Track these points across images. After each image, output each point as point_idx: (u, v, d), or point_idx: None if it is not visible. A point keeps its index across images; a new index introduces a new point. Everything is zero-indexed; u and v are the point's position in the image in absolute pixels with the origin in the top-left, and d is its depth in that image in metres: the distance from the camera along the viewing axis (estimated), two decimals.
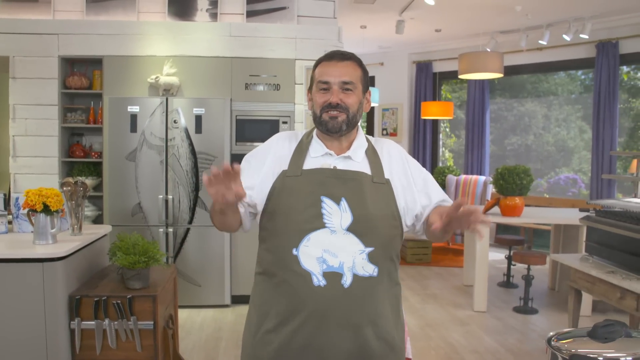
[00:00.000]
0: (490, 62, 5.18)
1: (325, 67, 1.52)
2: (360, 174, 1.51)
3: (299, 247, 1.44)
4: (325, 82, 1.51)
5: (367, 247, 1.45)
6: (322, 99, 1.52)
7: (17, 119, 4.53)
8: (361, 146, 1.58)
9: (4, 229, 3.08)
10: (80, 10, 4.66)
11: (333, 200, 1.45)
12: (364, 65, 1.58)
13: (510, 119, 8.12)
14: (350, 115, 1.52)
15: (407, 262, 6.57)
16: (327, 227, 1.44)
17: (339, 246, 1.43)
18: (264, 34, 4.70)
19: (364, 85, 1.57)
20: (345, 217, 1.45)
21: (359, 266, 1.44)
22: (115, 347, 2.72)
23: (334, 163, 1.53)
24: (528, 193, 4.77)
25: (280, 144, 1.60)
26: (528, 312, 4.59)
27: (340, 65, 1.51)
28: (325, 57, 1.55)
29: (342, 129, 1.52)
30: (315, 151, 1.56)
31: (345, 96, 1.51)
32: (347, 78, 1.50)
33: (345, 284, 1.42)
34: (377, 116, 9.17)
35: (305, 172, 1.50)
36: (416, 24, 6.86)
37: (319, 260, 1.43)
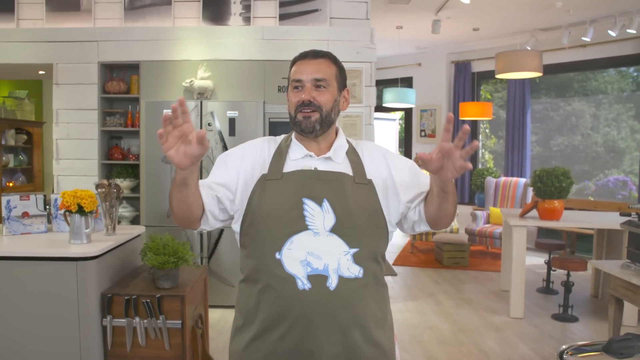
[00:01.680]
0: (528, 60, 5.02)
1: (298, 66, 1.50)
2: (342, 174, 1.48)
3: (282, 250, 1.41)
4: (297, 80, 1.48)
5: (351, 248, 1.42)
6: (295, 98, 1.49)
7: (60, 123, 4.72)
8: (341, 147, 1.55)
9: (44, 229, 3.21)
10: (119, 17, 4.81)
11: (315, 202, 1.42)
12: (339, 63, 1.55)
13: (556, 119, 7.87)
14: (323, 113, 1.47)
15: (444, 266, 6.46)
16: (310, 229, 1.41)
17: (323, 248, 1.40)
18: (296, 37, 4.72)
19: (339, 82, 1.53)
20: (328, 218, 1.42)
21: (344, 267, 1.40)
22: (144, 345, 2.78)
23: (315, 164, 1.50)
24: (573, 196, 4.59)
25: (259, 147, 1.56)
26: (567, 319, 4.43)
27: (313, 62, 1.48)
28: (299, 56, 1.53)
29: (316, 129, 1.48)
30: (295, 153, 1.52)
31: (318, 94, 1.47)
32: (320, 75, 1.47)
33: (331, 286, 1.39)
34: (415, 117, 9.07)
35: (286, 175, 1.47)
36: (453, 23, 6.75)
37: (302, 263, 1.39)
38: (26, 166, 7.49)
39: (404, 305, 4.90)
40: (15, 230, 3.10)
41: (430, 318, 4.53)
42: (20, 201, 3.12)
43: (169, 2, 4.82)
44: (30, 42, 4.72)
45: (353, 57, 4.72)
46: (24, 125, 7.38)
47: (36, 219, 3.18)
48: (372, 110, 4.80)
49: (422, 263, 6.69)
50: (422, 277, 5.98)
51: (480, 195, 7.89)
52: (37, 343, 2.70)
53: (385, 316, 1.52)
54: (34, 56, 4.72)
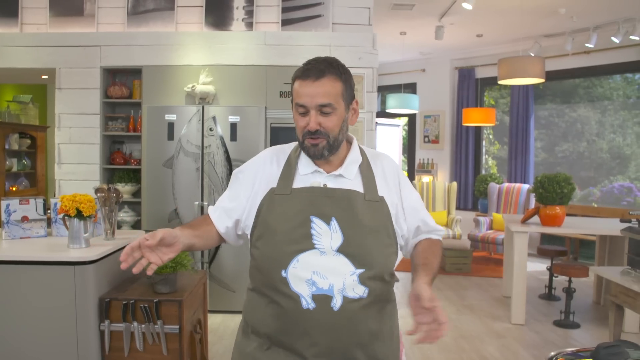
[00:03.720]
0: (531, 66, 5.01)
1: (301, 87, 1.40)
2: (352, 192, 1.44)
3: (288, 268, 1.38)
4: (301, 105, 1.40)
5: (357, 268, 1.39)
6: (301, 123, 1.42)
7: (62, 127, 4.74)
8: (354, 162, 1.50)
9: (43, 233, 3.21)
10: (121, 22, 4.83)
11: (323, 220, 1.39)
12: (345, 74, 1.45)
13: (561, 125, 7.84)
14: (331, 140, 1.42)
15: (446, 272, 6.43)
16: (316, 248, 1.38)
17: (328, 268, 1.37)
18: (299, 42, 4.73)
19: (346, 98, 1.44)
20: (336, 237, 1.39)
21: (349, 288, 1.38)
22: (142, 350, 2.78)
23: (324, 181, 1.46)
24: (578, 202, 4.57)
25: (269, 161, 1.54)
26: (569, 326, 4.40)
27: (316, 85, 1.38)
28: (300, 74, 1.42)
29: (324, 155, 1.44)
30: (305, 168, 1.48)
31: (324, 119, 1.40)
32: (325, 100, 1.38)
33: (335, 306, 1.37)
34: (418, 123, 9.07)
35: (295, 191, 1.44)
36: (457, 29, 6.75)
37: (308, 282, 1.37)
38: (29, 170, 7.53)
39: (405, 311, 4.84)
40: (15, 235, 3.11)
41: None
42: (19, 205, 3.13)
43: (172, 8, 4.85)
44: (34, 47, 4.75)
45: (355, 62, 4.72)
46: (28, 129, 7.41)
47: (36, 223, 3.19)
48: (374, 115, 4.80)
49: None
50: None
51: (483, 201, 7.87)
52: (35, 347, 2.70)
53: (391, 331, 1.50)
54: (37, 61, 4.75)
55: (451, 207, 7.63)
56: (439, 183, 7.75)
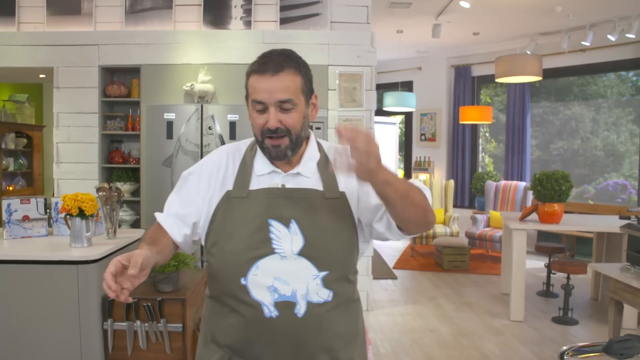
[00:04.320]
0: (528, 65, 5.04)
1: (257, 82, 1.30)
2: (311, 191, 1.36)
3: (248, 276, 1.31)
4: (259, 101, 1.30)
5: (321, 271, 1.32)
6: (259, 121, 1.32)
7: (60, 126, 4.72)
8: (312, 158, 1.41)
9: (44, 232, 3.21)
10: (119, 21, 4.82)
11: (282, 223, 1.32)
12: (304, 68, 1.35)
13: (555, 123, 7.89)
14: (293, 137, 1.33)
15: (444, 269, 6.46)
16: (276, 253, 1.31)
17: (290, 273, 1.31)
18: (297, 41, 4.73)
19: (306, 93, 1.35)
20: (296, 240, 1.32)
21: (313, 292, 1.32)
22: (145, 349, 2.79)
23: (282, 181, 1.37)
24: (572, 199, 4.60)
25: (224, 161, 1.44)
26: (567, 322, 4.43)
27: (275, 79, 1.28)
28: (257, 68, 1.31)
29: (288, 155, 1.35)
30: (261, 168, 1.39)
31: (285, 116, 1.31)
32: (285, 96, 1.29)
33: (299, 313, 1.32)
34: (415, 121, 9.09)
35: (252, 193, 1.36)
36: (453, 27, 6.77)
37: (269, 289, 1.31)
38: (26, 170, 7.49)
39: (404, 309, 4.89)
40: (16, 234, 3.10)
41: (431, 321, 4.53)
42: (20, 205, 3.13)
43: (170, 6, 4.84)
44: (31, 46, 4.72)
45: (354, 61, 4.73)
46: (24, 129, 7.38)
47: (37, 223, 3.18)
48: (373, 114, 4.81)
49: (422, 266, 6.69)
50: (422, 281, 5.98)
51: (480, 199, 7.90)
52: (38, 347, 2.70)
53: (356, 332, 1.45)
54: (35, 60, 4.73)
55: (448, 205, 7.66)
56: (435, 181, 7.78)
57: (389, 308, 4.92)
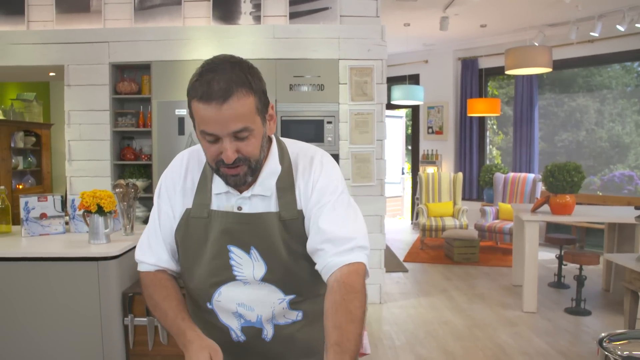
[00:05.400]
0: (538, 56, 5.02)
1: (205, 111, 1.09)
2: (266, 215, 1.22)
3: (212, 301, 1.26)
4: (210, 134, 1.12)
5: (287, 295, 1.25)
6: (212, 150, 1.15)
7: (71, 124, 4.73)
8: (271, 175, 1.25)
9: (62, 229, 3.22)
10: (129, 18, 4.82)
11: (242, 249, 1.22)
12: (256, 79, 1.14)
13: (560, 115, 7.87)
14: (252, 164, 1.18)
15: (454, 262, 6.47)
16: (238, 280, 1.23)
17: (254, 299, 1.23)
18: (307, 35, 4.72)
19: (262, 110, 1.16)
20: (258, 267, 1.22)
21: (280, 316, 1.26)
22: (166, 344, 2.80)
23: (238, 203, 1.24)
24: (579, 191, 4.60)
25: (184, 173, 1.30)
26: (580, 313, 4.44)
27: (224, 108, 1.08)
28: (200, 94, 1.09)
29: (247, 180, 1.20)
30: (217, 186, 1.25)
31: (242, 144, 1.14)
32: (239, 125, 1.10)
33: (267, 338, 1.27)
34: (422, 115, 9.08)
35: (212, 215, 1.24)
36: (461, 20, 6.75)
37: (235, 314, 1.26)
38: (35, 168, 7.52)
39: (417, 301, 4.91)
40: (34, 232, 3.12)
41: (444, 313, 4.54)
42: (38, 202, 3.14)
43: (179, 2, 4.83)
44: (41, 44, 4.73)
45: (364, 54, 4.72)
46: (33, 127, 7.40)
47: (54, 220, 3.19)
48: (384, 107, 4.81)
49: (432, 259, 6.70)
50: (433, 274, 5.99)
51: (489, 191, 7.90)
52: (61, 343, 2.72)
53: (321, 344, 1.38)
54: (45, 58, 4.73)
55: (457, 198, 7.66)
56: (444, 174, 7.77)
57: (401, 301, 4.93)
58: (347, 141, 4.75)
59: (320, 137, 4.74)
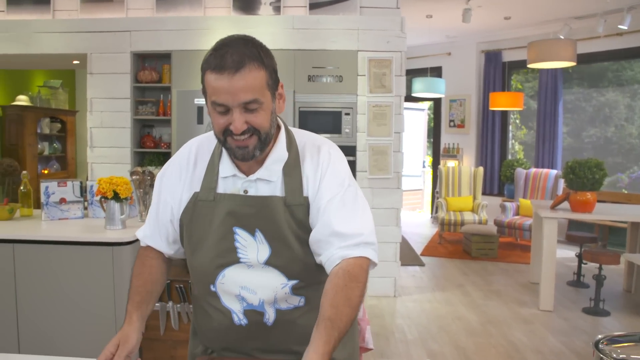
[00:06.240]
0: (562, 49, 4.92)
1: (217, 82, 1.12)
2: (272, 199, 1.25)
3: (216, 283, 1.28)
4: (220, 104, 1.14)
5: (290, 279, 1.26)
6: (221, 121, 1.17)
7: (93, 111, 4.82)
8: (278, 160, 1.27)
9: (80, 214, 3.29)
10: (150, 7, 4.87)
11: (247, 232, 1.24)
12: (267, 57, 1.18)
13: (588, 110, 7.70)
14: (262, 136, 1.19)
15: (472, 257, 6.41)
16: (242, 262, 1.26)
17: (257, 282, 1.26)
18: (326, 26, 4.71)
19: (272, 86, 1.19)
20: (263, 249, 1.25)
21: (282, 300, 1.27)
22: (177, 329, 2.85)
23: (244, 186, 1.27)
24: (605, 188, 4.50)
25: (192, 159, 1.34)
26: (598, 313, 4.36)
27: (237, 79, 1.11)
28: (214, 65, 1.13)
29: (256, 155, 1.21)
30: (225, 169, 1.28)
31: (251, 116, 1.16)
32: (249, 96, 1.13)
33: (268, 322, 1.29)
34: (444, 108, 8.99)
35: (218, 198, 1.27)
36: (484, 12, 6.64)
37: (237, 297, 1.27)
38: (60, 154, 7.69)
39: (431, 296, 4.89)
40: (54, 216, 3.19)
41: (459, 309, 4.52)
42: (58, 187, 3.21)
43: None
44: (66, 33, 4.81)
45: (383, 46, 4.68)
46: (58, 114, 7.56)
47: (73, 205, 3.27)
48: (402, 100, 4.77)
49: (450, 254, 6.65)
50: (450, 268, 5.96)
51: (510, 187, 7.79)
52: (76, 324, 2.79)
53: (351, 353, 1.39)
54: (69, 46, 4.82)
55: (477, 192, 7.58)
56: (464, 168, 7.69)
57: (416, 295, 4.92)
58: (364, 133, 4.73)
59: (338, 129, 4.73)
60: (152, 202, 1.40)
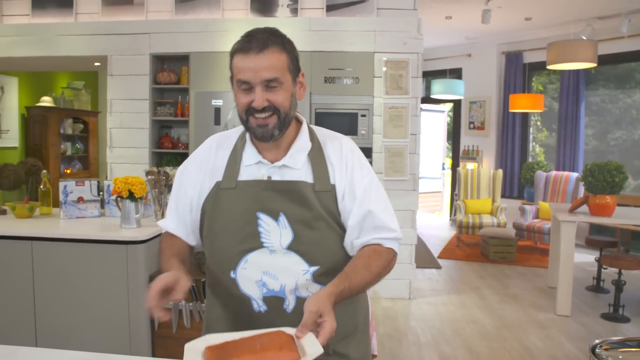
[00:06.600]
0: (582, 50, 4.84)
1: (242, 62, 1.23)
2: (300, 183, 1.30)
3: (237, 269, 1.30)
4: (244, 81, 1.24)
5: (311, 266, 1.29)
6: (244, 100, 1.26)
7: (113, 112, 4.91)
8: (302, 149, 1.34)
9: (97, 213, 3.36)
10: (169, 10, 4.94)
11: (270, 216, 1.28)
12: (289, 45, 1.29)
13: (614, 112, 7.54)
14: (281, 115, 1.27)
15: (490, 260, 6.35)
16: (265, 247, 1.29)
17: (279, 267, 1.28)
18: (343, 28, 4.72)
19: (292, 71, 1.29)
20: (285, 234, 1.28)
21: (303, 288, 1.29)
22: (189, 327, 2.89)
23: (268, 173, 1.32)
24: (632, 192, 4.41)
25: (214, 151, 1.40)
26: (617, 319, 4.28)
27: (259, 57, 1.22)
28: (241, 47, 1.25)
29: (275, 135, 1.28)
30: (249, 158, 1.35)
31: (272, 95, 1.25)
32: (271, 74, 1.23)
33: (288, 308, 1.30)
34: (464, 109, 8.91)
35: (240, 184, 1.32)
36: (504, 12, 6.57)
37: (258, 283, 1.29)
38: (82, 154, 7.84)
39: (447, 299, 4.86)
40: (71, 214, 3.27)
41: (474, 312, 4.48)
42: (75, 187, 3.28)
43: None
44: (87, 35, 4.92)
45: (400, 48, 4.67)
46: (81, 114, 7.71)
47: (90, 204, 3.34)
48: (419, 101, 4.75)
49: (467, 257, 6.60)
50: (467, 271, 5.90)
51: (530, 190, 7.69)
52: (91, 320, 2.85)
53: (353, 325, 1.42)
54: (90, 48, 4.93)
55: (496, 195, 7.50)
56: (484, 170, 7.62)
57: (431, 297, 4.89)
58: (380, 135, 4.73)
59: (354, 130, 4.73)
60: (171, 195, 1.46)
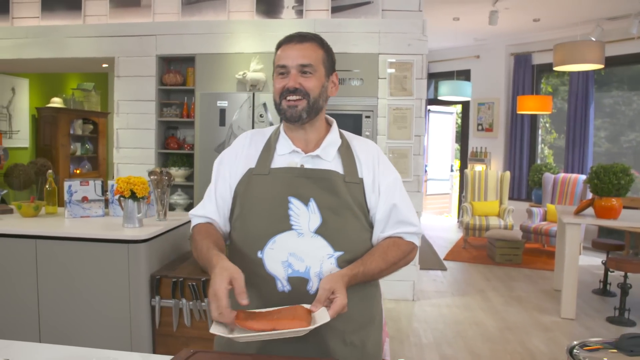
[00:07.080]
0: (589, 52, 4.81)
1: (283, 50, 1.41)
2: (332, 172, 1.42)
3: (264, 249, 1.37)
4: (282, 65, 1.40)
5: (336, 251, 1.36)
6: (280, 84, 1.41)
7: (120, 113, 4.97)
8: (333, 144, 1.47)
9: (101, 213, 3.41)
10: (176, 12, 4.99)
11: (301, 201, 1.37)
12: (327, 46, 1.46)
13: (628, 114, 7.47)
14: (311, 100, 1.40)
15: (496, 262, 6.32)
16: (293, 230, 1.36)
17: (305, 250, 1.35)
18: (348, 29, 4.73)
19: (327, 67, 1.44)
20: (314, 218, 1.36)
21: (327, 272, 1.35)
22: (189, 326, 2.92)
23: (302, 161, 1.43)
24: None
25: (247, 143, 1.52)
26: (623, 323, 4.24)
27: (298, 47, 1.39)
28: (284, 40, 1.44)
29: (303, 117, 1.41)
30: (283, 148, 1.46)
31: (304, 80, 1.39)
32: (306, 60, 1.39)
33: (311, 290, 1.35)
34: (472, 111, 8.88)
35: (273, 171, 1.43)
36: (512, 14, 6.54)
37: (284, 264, 1.35)
38: (92, 154, 7.93)
39: (451, 301, 4.84)
40: (76, 214, 3.31)
41: (477, 314, 4.46)
42: (80, 186, 3.33)
43: None
44: (95, 37, 4.98)
45: (404, 49, 4.68)
46: (90, 115, 7.80)
47: (94, 204, 3.38)
48: (423, 103, 4.75)
49: (473, 259, 6.57)
50: (473, 273, 5.88)
51: (538, 192, 7.64)
52: (92, 318, 2.88)
53: (371, 316, 1.47)
54: (98, 50, 4.99)
55: (503, 197, 7.46)
56: (491, 172, 7.58)
57: (435, 299, 4.88)
58: (385, 136, 4.73)
59: (359, 132, 4.74)
60: (211, 182, 1.53)
